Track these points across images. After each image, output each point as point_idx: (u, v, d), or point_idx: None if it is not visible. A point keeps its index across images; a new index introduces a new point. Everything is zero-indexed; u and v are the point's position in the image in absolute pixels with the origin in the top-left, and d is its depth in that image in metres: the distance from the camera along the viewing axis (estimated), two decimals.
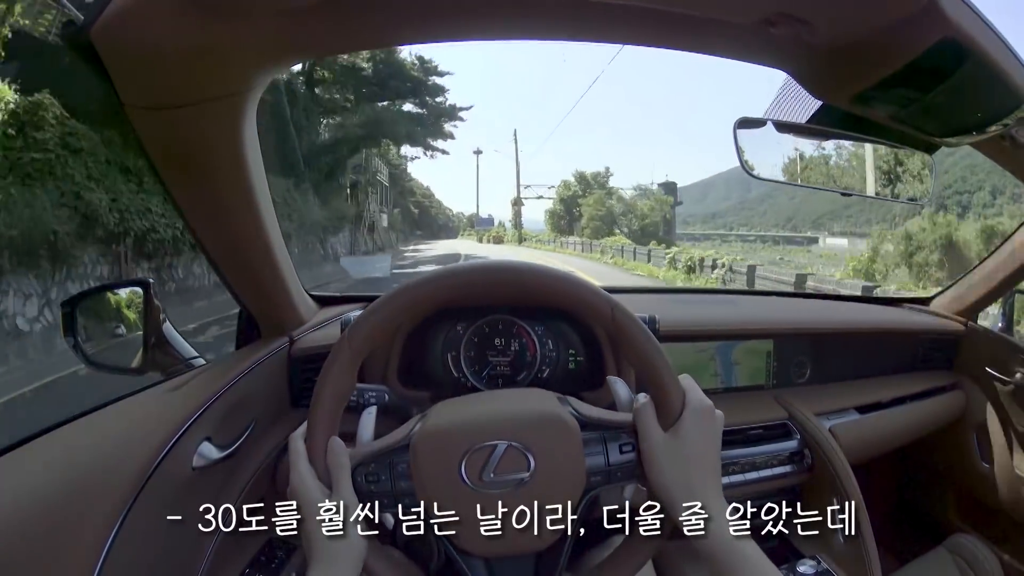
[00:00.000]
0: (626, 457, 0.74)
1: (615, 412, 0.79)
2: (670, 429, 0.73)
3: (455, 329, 1.29)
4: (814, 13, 0.62)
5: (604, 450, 0.75)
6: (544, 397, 0.78)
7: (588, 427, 0.75)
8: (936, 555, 1.51)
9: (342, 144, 23.69)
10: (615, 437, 0.75)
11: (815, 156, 1.04)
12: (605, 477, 0.74)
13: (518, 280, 0.76)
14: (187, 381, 1.00)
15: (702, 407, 0.74)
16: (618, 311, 0.74)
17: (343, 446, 0.74)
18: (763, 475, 1.32)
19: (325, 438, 0.73)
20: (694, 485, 0.72)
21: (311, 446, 0.74)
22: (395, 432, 0.77)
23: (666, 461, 0.72)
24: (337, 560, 0.70)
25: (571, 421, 0.74)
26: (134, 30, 0.60)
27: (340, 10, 0.62)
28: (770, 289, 10.24)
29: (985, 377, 1.64)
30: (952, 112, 0.79)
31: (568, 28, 0.69)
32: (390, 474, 0.73)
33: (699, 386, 0.77)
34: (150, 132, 0.74)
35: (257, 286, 1.09)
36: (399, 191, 42.03)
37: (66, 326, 1.07)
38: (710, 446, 0.74)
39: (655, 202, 44.20)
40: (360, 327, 0.74)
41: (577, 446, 0.73)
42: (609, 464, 0.74)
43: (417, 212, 49.79)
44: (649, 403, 0.75)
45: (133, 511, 0.77)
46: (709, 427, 0.74)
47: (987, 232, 15.19)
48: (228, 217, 0.91)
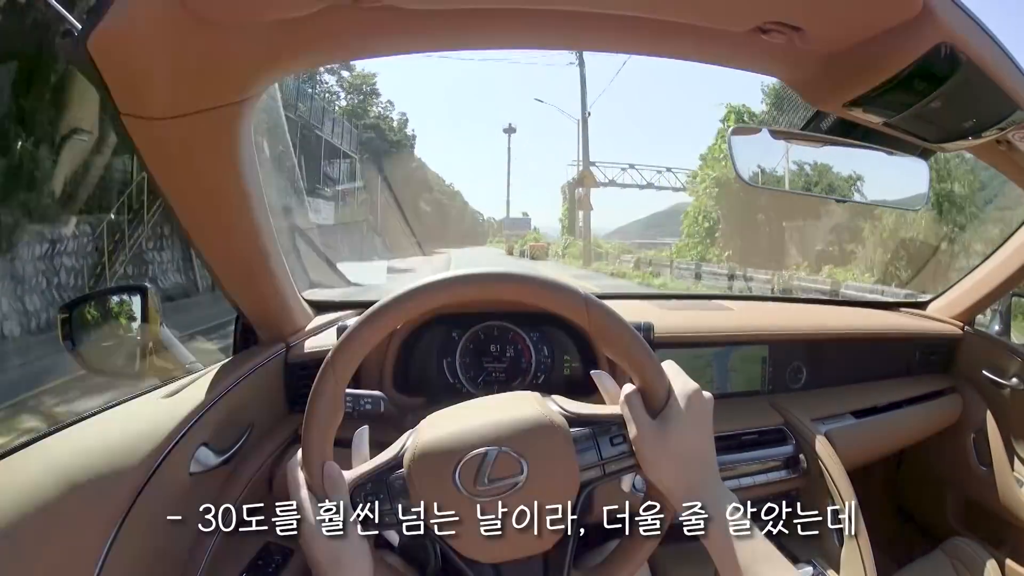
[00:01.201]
0: (618, 449, 0.75)
1: (602, 406, 0.80)
2: (659, 416, 0.73)
3: (450, 335, 1.29)
4: (808, 21, 0.62)
5: (595, 444, 0.75)
6: (528, 398, 0.78)
7: (577, 423, 0.76)
8: (933, 558, 1.51)
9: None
10: (605, 431, 0.75)
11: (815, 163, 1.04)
12: (600, 471, 0.75)
13: (490, 285, 0.76)
14: (184, 386, 1.00)
15: (689, 391, 0.74)
16: (591, 303, 0.74)
17: (338, 470, 0.74)
18: (759, 480, 1.32)
19: (321, 463, 0.74)
20: (691, 479, 0.72)
21: (308, 473, 0.74)
22: (387, 451, 0.77)
23: (659, 449, 0.72)
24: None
25: (558, 419, 0.75)
26: (131, 40, 0.60)
27: (335, 20, 0.62)
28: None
29: (982, 381, 1.64)
30: (948, 118, 0.79)
31: (567, 37, 0.70)
32: (387, 493, 0.74)
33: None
34: (147, 141, 0.74)
35: (254, 292, 1.09)
36: (403, 179, 31.37)
37: (64, 331, 1.07)
38: (701, 430, 0.74)
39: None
40: (341, 353, 0.74)
41: (567, 443, 0.74)
42: (602, 458, 0.75)
43: (429, 210, 37.49)
44: (635, 392, 0.75)
45: (131, 516, 0.77)
46: (699, 409, 0.74)
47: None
48: (225, 224, 0.92)
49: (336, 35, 0.65)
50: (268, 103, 1.90)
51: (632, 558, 0.78)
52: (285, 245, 1.06)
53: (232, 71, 0.67)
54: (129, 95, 0.66)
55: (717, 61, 0.73)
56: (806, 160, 1.02)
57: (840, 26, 0.64)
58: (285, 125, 2.69)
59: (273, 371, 1.17)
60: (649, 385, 0.74)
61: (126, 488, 0.78)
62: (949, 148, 0.91)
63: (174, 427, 0.88)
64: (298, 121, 19.86)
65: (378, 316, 0.74)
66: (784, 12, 0.61)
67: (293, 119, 19.20)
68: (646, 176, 28.34)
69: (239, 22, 0.60)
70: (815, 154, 1.01)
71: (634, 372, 0.75)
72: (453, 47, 0.72)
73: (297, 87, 20.51)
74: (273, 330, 1.21)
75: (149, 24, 0.59)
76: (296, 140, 18.77)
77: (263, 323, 1.19)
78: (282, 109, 2.72)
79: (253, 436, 1.06)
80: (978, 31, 0.66)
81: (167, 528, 0.86)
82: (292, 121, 18.94)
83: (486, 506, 0.72)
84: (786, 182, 1.03)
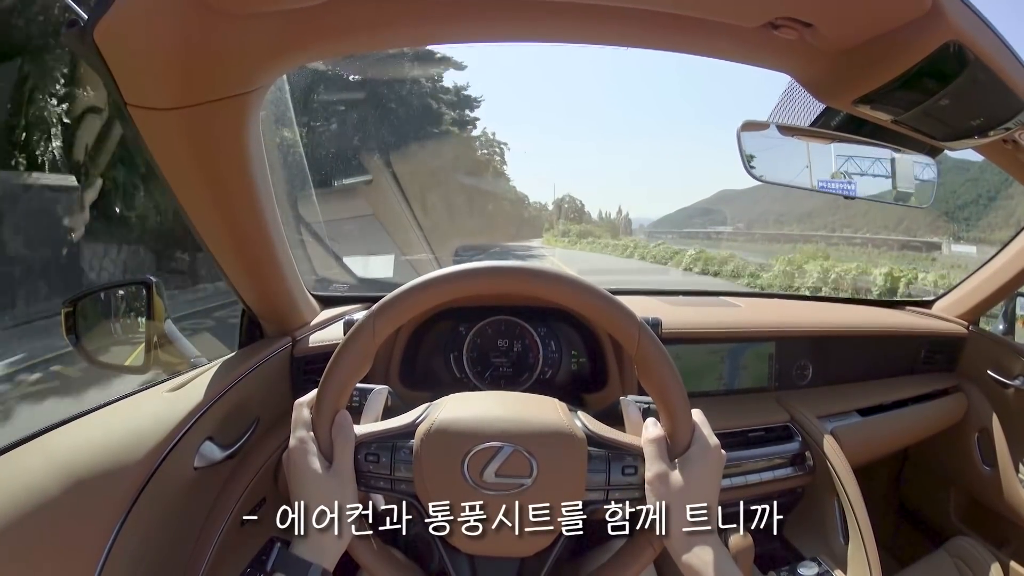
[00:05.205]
0: (628, 480, 0.75)
1: (624, 434, 0.79)
2: (676, 461, 0.74)
3: (457, 330, 1.29)
4: (819, 17, 0.62)
5: (607, 468, 0.75)
6: (555, 405, 0.78)
7: (595, 443, 0.75)
8: (937, 557, 1.51)
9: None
10: (619, 458, 0.75)
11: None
12: (604, 495, 0.75)
13: (553, 287, 0.74)
14: (189, 381, 1.00)
15: (710, 444, 0.75)
16: (644, 332, 0.73)
17: (350, 420, 0.74)
18: (764, 477, 1.32)
19: (332, 410, 0.73)
20: (692, 535, 0.72)
21: (317, 416, 0.73)
22: (403, 416, 0.77)
23: (670, 495, 0.72)
24: (324, 536, 0.70)
25: (579, 433, 0.74)
26: (138, 30, 0.59)
27: (346, 10, 0.62)
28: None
29: (987, 380, 1.64)
30: (955, 116, 0.79)
31: (577, 31, 0.70)
32: (391, 457, 0.74)
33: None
34: (153, 132, 0.73)
35: (260, 286, 1.09)
36: (458, 155, 24.33)
37: (68, 325, 1.07)
38: (713, 485, 0.74)
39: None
40: (386, 310, 0.73)
41: (582, 459, 0.73)
42: (609, 483, 0.75)
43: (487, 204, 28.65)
44: (661, 436, 0.75)
45: (134, 511, 0.77)
46: (715, 465, 0.75)
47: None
48: (232, 217, 0.91)
49: (347, 25, 0.64)
50: (276, 94, 1.90)
51: (633, 563, 0.77)
52: (293, 239, 1.06)
53: (240, 61, 0.67)
54: (135, 86, 0.66)
55: (728, 56, 0.73)
56: (816, 156, 1.02)
57: (850, 23, 0.63)
58: (293, 116, 2.67)
59: (279, 365, 1.17)
60: (675, 429, 0.74)
61: (130, 483, 0.78)
62: (956, 146, 0.91)
63: (179, 421, 0.88)
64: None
65: (432, 284, 0.73)
66: (795, 8, 0.61)
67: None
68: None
69: (248, 11, 0.59)
70: (824, 150, 1.01)
71: (664, 412, 0.75)
72: (465, 39, 0.72)
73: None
74: (279, 324, 1.21)
75: (156, 13, 0.58)
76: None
77: (269, 317, 1.19)
78: (290, 100, 2.69)
79: (259, 430, 1.06)
80: (986, 30, 0.66)
81: (171, 523, 0.86)
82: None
83: (485, 499, 0.72)
84: (794, 177, 1.03)
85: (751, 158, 0.97)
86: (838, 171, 1.02)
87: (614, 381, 1.27)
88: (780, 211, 44.79)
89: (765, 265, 19.32)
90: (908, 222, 31.74)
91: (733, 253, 19.58)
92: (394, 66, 20.85)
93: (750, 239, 40.08)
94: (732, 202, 54.46)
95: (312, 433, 0.73)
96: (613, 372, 1.27)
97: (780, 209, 45.02)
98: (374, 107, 20.42)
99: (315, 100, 16.72)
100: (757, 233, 41.87)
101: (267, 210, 0.94)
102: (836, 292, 12.60)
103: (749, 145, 0.96)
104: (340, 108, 18.94)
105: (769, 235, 40.64)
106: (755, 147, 0.97)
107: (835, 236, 35.54)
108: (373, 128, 20.28)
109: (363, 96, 19.37)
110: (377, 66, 19.26)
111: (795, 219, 42.51)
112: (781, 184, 1.03)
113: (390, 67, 20.59)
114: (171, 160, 0.79)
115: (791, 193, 21.19)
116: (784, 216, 43.72)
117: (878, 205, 5.24)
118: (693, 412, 0.75)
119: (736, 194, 55.09)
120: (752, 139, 0.96)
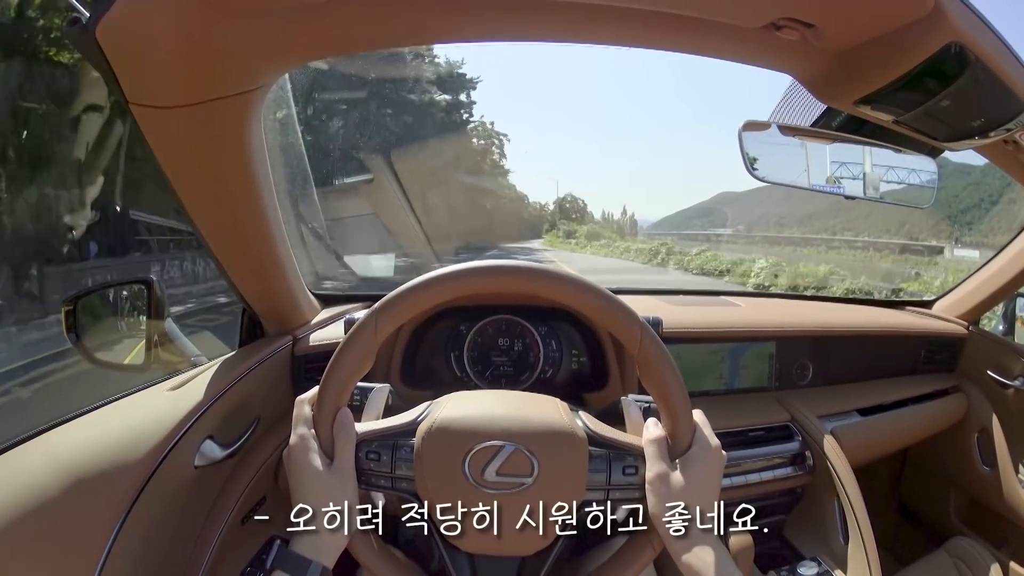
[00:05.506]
0: (628, 480, 0.75)
1: (625, 434, 0.79)
2: (676, 462, 0.74)
3: (458, 329, 1.29)
4: (821, 18, 0.62)
5: (608, 468, 0.75)
6: (557, 405, 0.78)
7: (596, 443, 0.75)
8: (936, 557, 1.51)
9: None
10: (620, 458, 0.75)
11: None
12: (604, 495, 0.75)
13: (555, 286, 0.73)
14: (190, 379, 1.00)
15: (711, 445, 0.75)
16: (646, 333, 0.73)
17: (351, 418, 0.74)
18: (765, 477, 1.32)
19: (334, 407, 0.73)
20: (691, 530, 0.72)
21: (318, 412, 0.73)
22: (404, 414, 0.77)
23: (671, 495, 0.72)
24: (324, 533, 0.70)
25: (581, 433, 0.74)
26: (140, 27, 0.59)
27: (347, 10, 0.61)
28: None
29: (987, 380, 1.64)
30: (956, 117, 0.79)
31: (579, 31, 0.70)
32: (392, 456, 0.74)
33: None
34: (155, 131, 0.73)
35: (261, 285, 1.09)
36: (455, 147, 25.79)
37: (68, 324, 1.07)
38: (713, 485, 0.74)
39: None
40: (388, 308, 0.72)
41: (583, 459, 0.73)
42: (610, 483, 0.75)
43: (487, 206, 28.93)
44: (662, 436, 0.75)
45: (134, 510, 0.77)
46: (715, 465, 0.75)
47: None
48: (234, 216, 0.91)
49: (349, 24, 0.64)
50: (278, 93, 1.90)
51: (634, 561, 0.77)
52: (293, 237, 1.06)
53: (242, 60, 0.67)
54: (138, 84, 0.66)
55: (729, 57, 0.73)
56: (816, 156, 1.02)
57: (852, 24, 0.64)
58: (295, 115, 2.66)
59: (280, 364, 1.17)
60: (676, 429, 0.74)
61: (130, 482, 0.78)
62: (957, 147, 0.91)
63: (179, 420, 0.87)
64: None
65: (434, 283, 0.73)
66: (797, 9, 0.61)
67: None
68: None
69: (252, 9, 0.59)
70: (825, 151, 1.01)
71: (665, 412, 0.75)
72: (466, 39, 0.72)
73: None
74: (280, 322, 1.21)
75: (158, 11, 0.58)
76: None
77: (270, 315, 1.18)
78: (292, 100, 2.68)
79: (259, 429, 1.06)
80: (987, 31, 0.66)
81: (172, 521, 0.85)
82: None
83: (485, 498, 0.72)
84: (795, 178, 1.03)
85: (754, 160, 0.98)
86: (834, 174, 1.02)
87: (615, 381, 1.27)
88: (781, 214, 44.39)
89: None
90: (910, 226, 31.58)
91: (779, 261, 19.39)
92: (395, 64, 20.79)
93: (750, 241, 39.99)
94: (732, 204, 54.27)
95: (313, 430, 0.73)
96: (614, 371, 1.27)
97: (781, 212, 44.65)
98: (375, 105, 20.29)
99: (317, 99, 16.58)
100: (757, 236, 41.75)
101: (268, 209, 0.93)
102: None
103: (751, 145, 0.96)
104: (342, 107, 18.84)
105: (769, 237, 40.24)
106: (757, 148, 0.97)
107: (836, 239, 35.38)
108: (374, 126, 20.20)
109: (364, 95, 19.26)
110: (378, 65, 19.11)
111: (796, 222, 42.22)
112: (783, 184, 1.03)
113: (391, 66, 20.51)
114: (173, 158, 0.79)
115: (792, 196, 21.49)
116: (785, 219, 43.35)
117: (880, 209, 5.14)
118: (694, 412, 0.76)
119: (736, 196, 54.75)
120: (753, 139, 0.96)
